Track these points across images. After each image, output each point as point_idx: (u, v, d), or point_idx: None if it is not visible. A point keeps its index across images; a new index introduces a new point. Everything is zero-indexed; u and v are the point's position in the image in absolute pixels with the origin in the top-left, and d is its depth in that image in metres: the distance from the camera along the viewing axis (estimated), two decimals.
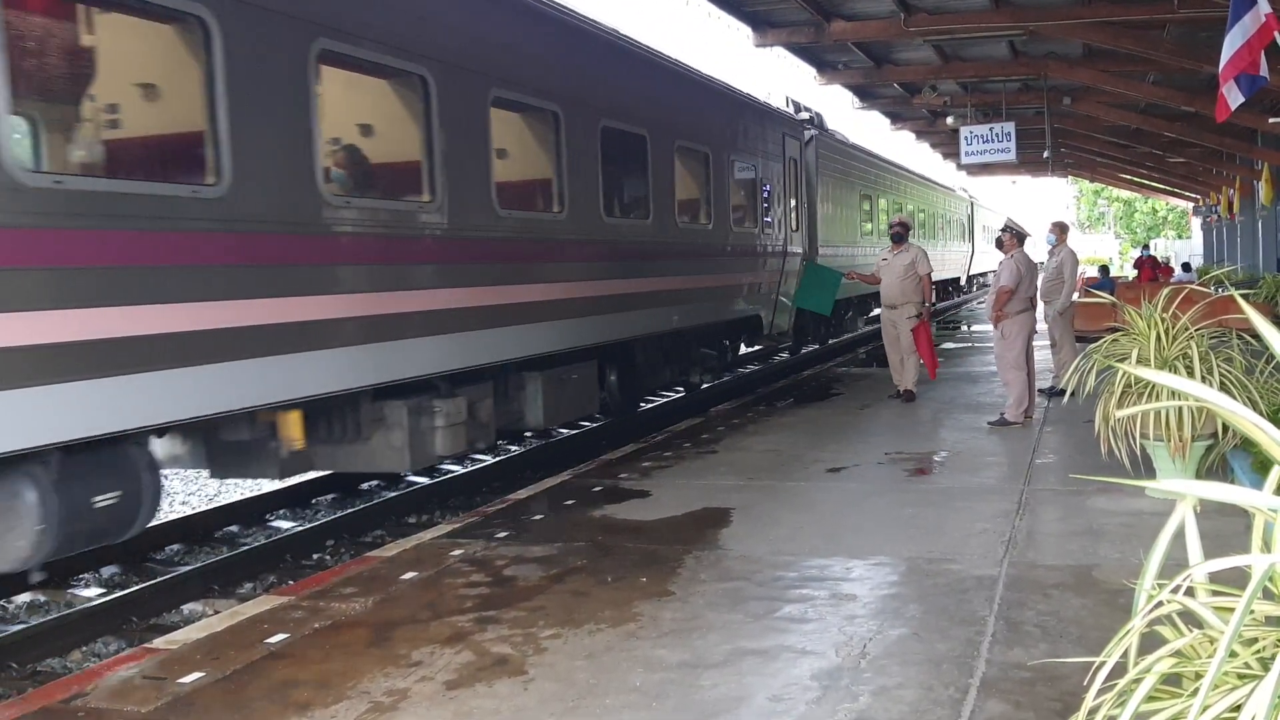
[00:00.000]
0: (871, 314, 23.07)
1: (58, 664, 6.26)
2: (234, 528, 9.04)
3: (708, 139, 13.12)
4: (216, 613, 6.21)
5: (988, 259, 39.69)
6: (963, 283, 41.80)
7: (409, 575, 5.93)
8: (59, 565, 7.78)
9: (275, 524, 9.26)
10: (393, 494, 10.08)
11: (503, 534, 6.80)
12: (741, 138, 14.40)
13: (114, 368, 5.35)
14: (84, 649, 6.47)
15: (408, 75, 7.68)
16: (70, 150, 6.09)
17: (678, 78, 12.80)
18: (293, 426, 6.83)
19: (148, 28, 6.13)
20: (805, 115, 18.58)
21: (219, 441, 6.94)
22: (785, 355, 20.90)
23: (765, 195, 15.27)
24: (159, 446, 6.68)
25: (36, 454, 5.16)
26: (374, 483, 10.67)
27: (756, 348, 19.09)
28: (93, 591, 7.49)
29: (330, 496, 10.16)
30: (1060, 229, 12.31)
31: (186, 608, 7.18)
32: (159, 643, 5.03)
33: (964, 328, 24.83)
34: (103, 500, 5.60)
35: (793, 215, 16.57)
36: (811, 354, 21.19)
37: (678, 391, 15.00)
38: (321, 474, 9.49)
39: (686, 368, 13.67)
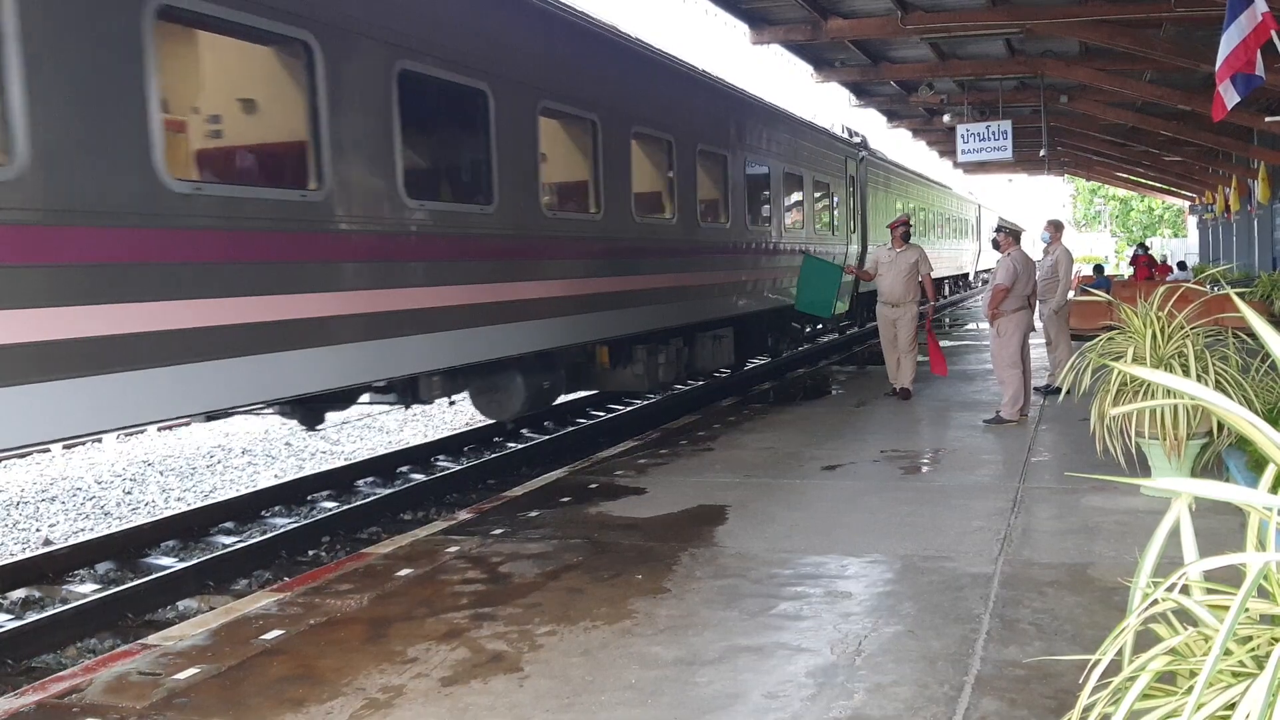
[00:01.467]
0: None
1: (53, 660, 6.26)
2: (229, 524, 9.05)
3: (805, 165, 17.35)
4: (212, 609, 6.21)
5: (993, 255, 41.00)
6: (971, 276, 45.92)
7: (404, 572, 5.93)
8: (55, 561, 7.80)
9: (271, 520, 9.26)
10: (388, 490, 10.08)
11: (498, 531, 6.81)
12: (822, 162, 18.55)
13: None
14: (79, 645, 6.47)
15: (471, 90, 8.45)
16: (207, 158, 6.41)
17: (794, 124, 17.15)
18: (604, 355, 11.21)
19: (262, 50, 6.68)
20: (856, 139, 22.32)
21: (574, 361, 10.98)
22: (836, 335, 24.66)
23: (835, 205, 19.50)
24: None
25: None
26: (369, 479, 10.67)
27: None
28: (88, 588, 7.48)
29: (326, 493, 10.16)
30: (1055, 227, 12.34)
31: (182, 604, 7.19)
32: (154, 639, 5.03)
33: (971, 325, 24.84)
34: (545, 384, 10.11)
35: (853, 220, 20.74)
36: (801, 354, 21.18)
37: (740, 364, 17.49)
38: (321, 470, 9.75)
39: (778, 338, 17.46)
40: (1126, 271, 33.03)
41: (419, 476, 10.70)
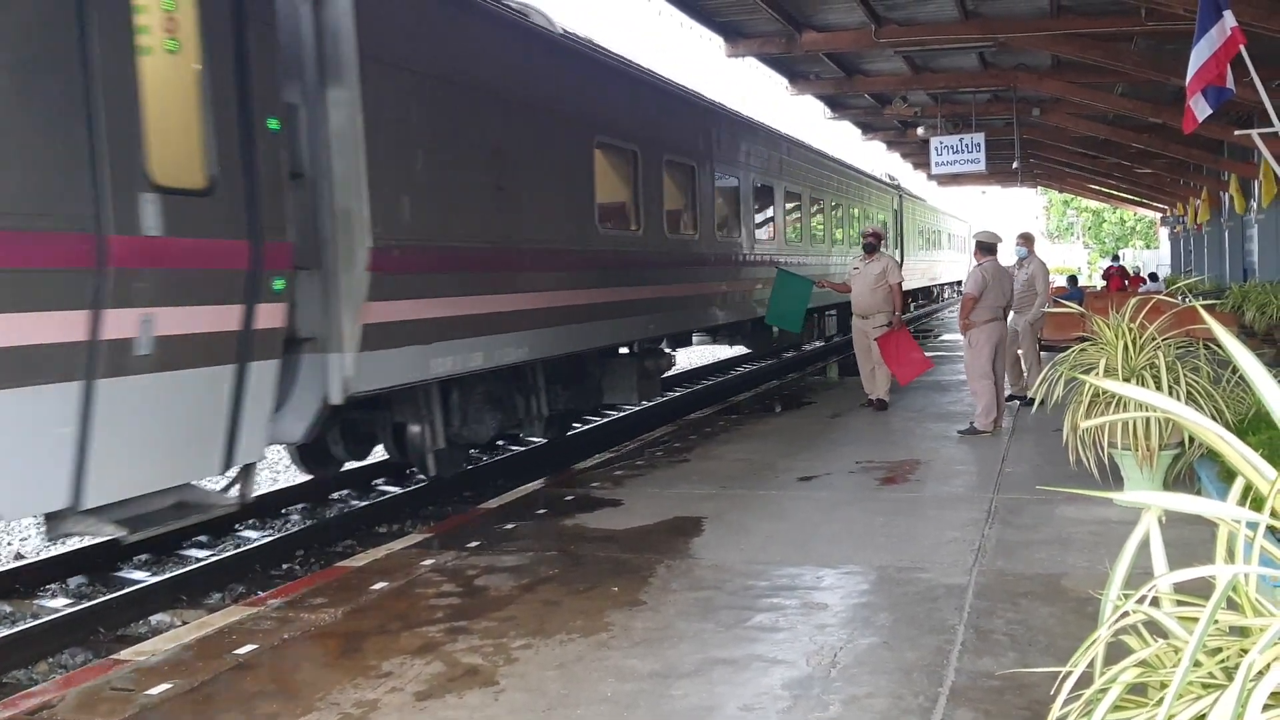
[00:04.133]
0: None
1: (24, 675, 6.19)
2: (203, 538, 8.97)
3: (872, 205, 26.22)
4: (185, 624, 6.15)
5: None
6: (961, 284, 50.09)
7: (379, 585, 5.90)
8: (26, 575, 7.72)
9: (244, 534, 9.19)
10: (363, 503, 10.03)
11: (474, 543, 6.78)
12: (879, 201, 27.53)
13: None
14: (50, 660, 6.40)
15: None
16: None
17: (867, 178, 26.16)
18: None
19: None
20: (895, 181, 30.97)
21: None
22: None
23: (887, 230, 27.40)
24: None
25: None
26: (344, 492, 10.62)
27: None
28: (59, 602, 7.41)
29: (300, 506, 10.09)
30: (1028, 240, 12.40)
31: (155, 619, 7.13)
32: (126, 654, 4.98)
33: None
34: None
35: (896, 240, 29.79)
36: (780, 364, 21.29)
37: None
38: (295, 483, 9.75)
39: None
40: (1099, 283, 33.27)
41: (394, 489, 10.65)
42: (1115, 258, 38.61)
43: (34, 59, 4.97)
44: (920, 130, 24.32)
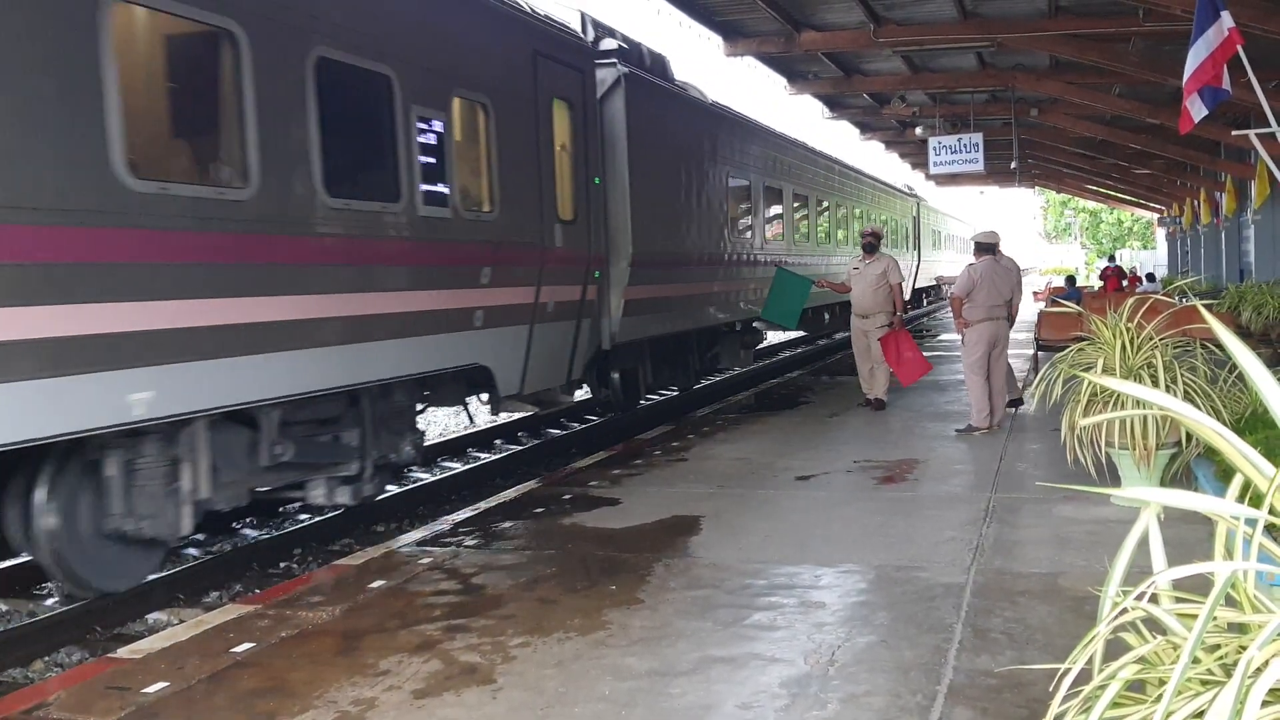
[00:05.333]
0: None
1: (19, 674, 6.18)
2: (199, 535, 8.95)
3: (898, 214, 31.47)
4: (181, 622, 6.14)
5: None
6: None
7: (377, 584, 5.90)
8: (22, 574, 7.70)
9: (242, 532, 9.18)
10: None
11: (472, 542, 6.78)
12: (901, 208, 32.19)
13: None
14: (46, 659, 6.38)
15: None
16: None
17: (895, 190, 31.89)
18: None
19: None
20: (914, 191, 36.15)
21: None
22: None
23: (908, 234, 33.17)
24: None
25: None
26: None
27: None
28: (55, 600, 7.39)
29: (298, 504, 10.08)
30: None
31: (151, 617, 7.10)
32: (122, 652, 4.98)
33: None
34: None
35: (916, 241, 34.75)
36: (779, 363, 21.31)
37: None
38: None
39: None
40: (1097, 284, 33.31)
41: (392, 488, 10.64)
42: (1111, 258, 38.61)
43: (520, 161, 9.38)
44: (919, 130, 24.36)
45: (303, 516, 9.60)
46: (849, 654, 4.54)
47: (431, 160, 8.06)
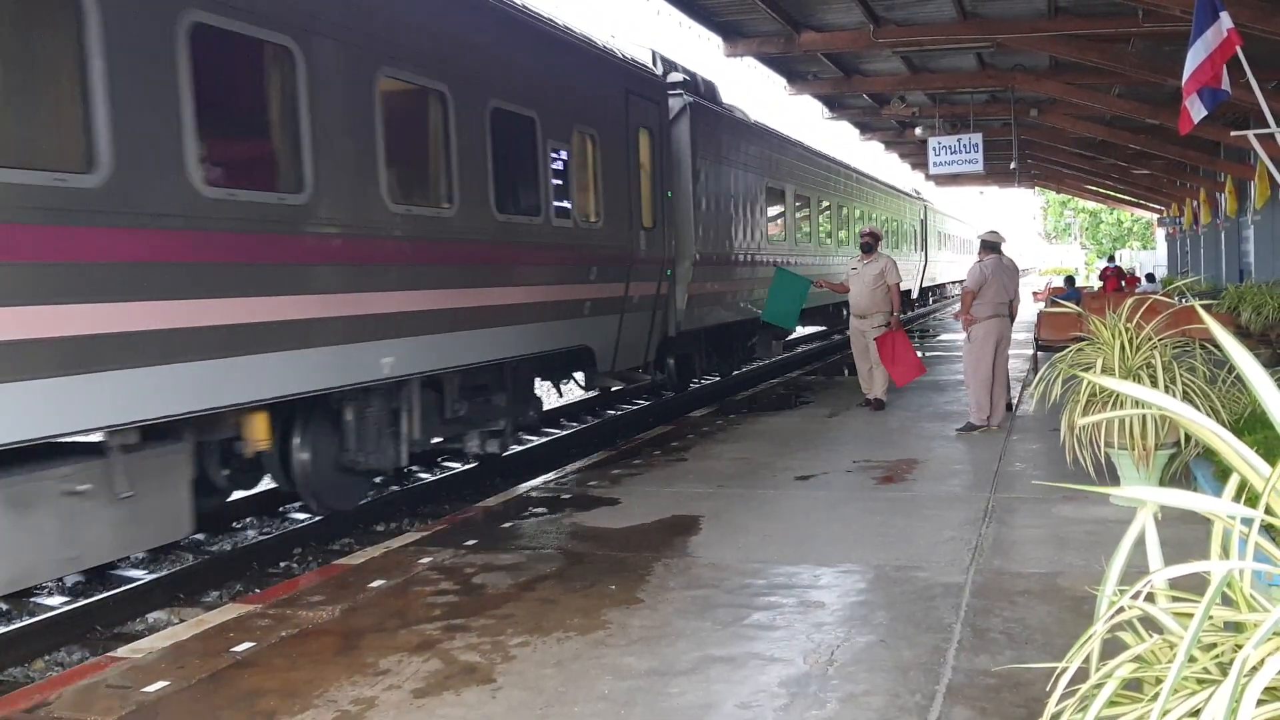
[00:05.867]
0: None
1: (20, 673, 6.19)
2: (199, 535, 8.97)
3: (907, 218, 33.47)
4: (182, 621, 6.15)
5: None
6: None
7: (377, 583, 5.91)
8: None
9: (242, 532, 9.19)
10: (360, 502, 10.01)
11: (471, 542, 6.79)
12: (909, 212, 34.17)
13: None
14: (47, 658, 6.39)
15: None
16: None
17: (906, 195, 33.91)
18: None
19: None
20: (921, 195, 38.32)
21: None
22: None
23: (915, 236, 35.27)
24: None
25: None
26: None
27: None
28: (56, 600, 7.40)
29: (298, 503, 10.08)
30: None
31: (151, 616, 7.12)
32: (123, 651, 4.99)
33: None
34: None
35: (923, 243, 37.12)
36: (779, 363, 21.35)
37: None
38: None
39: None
40: (1096, 284, 33.32)
41: (393, 488, 10.65)
42: (1111, 259, 38.60)
43: (616, 180, 11.38)
44: (918, 130, 24.35)
45: (302, 517, 9.61)
46: (848, 653, 4.55)
47: (559, 182, 10.16)
